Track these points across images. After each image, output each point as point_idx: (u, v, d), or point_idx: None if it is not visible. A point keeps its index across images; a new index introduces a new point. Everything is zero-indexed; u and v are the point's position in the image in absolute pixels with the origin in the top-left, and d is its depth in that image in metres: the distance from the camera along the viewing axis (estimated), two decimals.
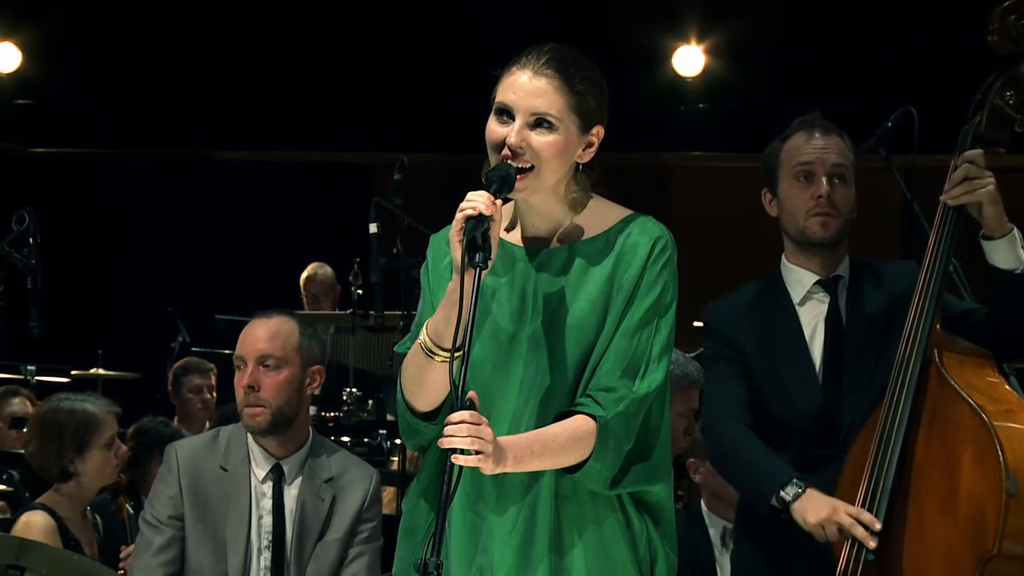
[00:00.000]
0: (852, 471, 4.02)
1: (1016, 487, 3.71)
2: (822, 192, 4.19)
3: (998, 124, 4.09)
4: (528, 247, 3.32)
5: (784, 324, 4.25)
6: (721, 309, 4.36)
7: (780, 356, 4.22)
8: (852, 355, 4.18)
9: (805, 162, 4.22)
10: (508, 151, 3.19)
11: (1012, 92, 4.09)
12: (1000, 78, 4.10)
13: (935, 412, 3.93)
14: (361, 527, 4.59)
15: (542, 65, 3.22)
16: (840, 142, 4.25)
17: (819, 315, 4.24)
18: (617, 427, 3.18)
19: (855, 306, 4.23)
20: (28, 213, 5.25)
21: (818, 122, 4.28)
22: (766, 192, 4.31)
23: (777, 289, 4.30)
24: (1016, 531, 3.72)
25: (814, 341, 4.22)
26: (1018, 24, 4.07)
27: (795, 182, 4.23)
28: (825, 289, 4.25)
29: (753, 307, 4.30)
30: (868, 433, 4.01)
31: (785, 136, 4.30)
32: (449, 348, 3.11)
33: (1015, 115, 4.09)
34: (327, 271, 9.32)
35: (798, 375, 4.19)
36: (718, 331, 4.32)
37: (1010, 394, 3.98)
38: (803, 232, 4.23)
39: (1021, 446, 3.78)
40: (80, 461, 5.00)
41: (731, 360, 4.26)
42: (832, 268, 4.26)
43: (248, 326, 4.63)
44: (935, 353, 3.97)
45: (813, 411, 4.16)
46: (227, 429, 4.69)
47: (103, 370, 9.21)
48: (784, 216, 4.28)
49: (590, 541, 3.24)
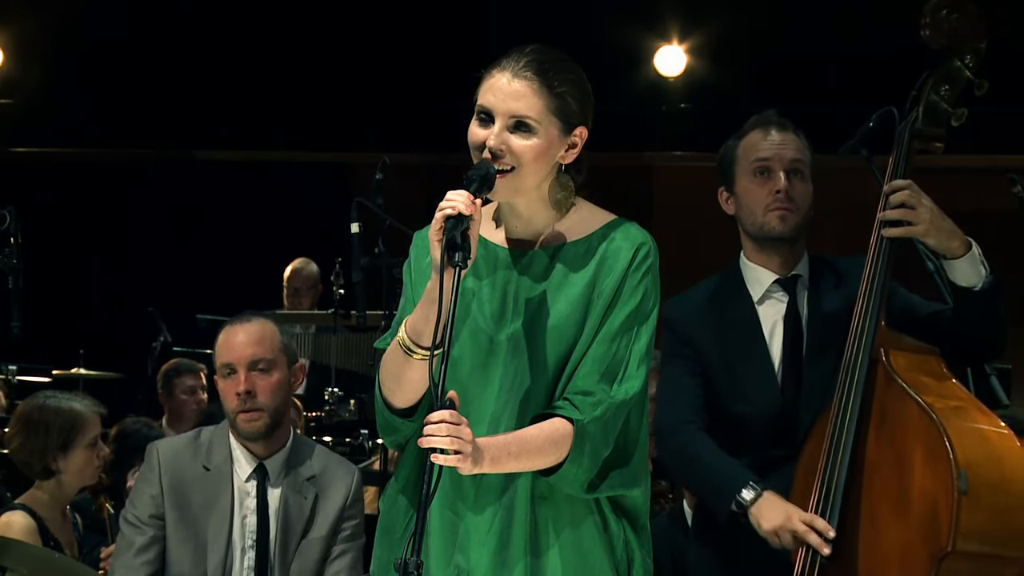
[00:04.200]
0: (804, 473, 4.02)
1: (967, 484, 3.70)
2: (780, 187, 4.20)
3: (935, 119, 4.11)
4: (511, 249, 3.33)
5: (743, 323, 4.25)
6: (681, 305, 4.35)
7: (739, 355, 4.22)
8: (810, 355, 4.18)
9: (763, 158, 4.24)
10: (488, 154, 3.20)
11: (947, 87, 4.11)
12: (935, 74, 4.13)
13: (884, 411, 3.92)
14: (344, 525, 4.60)
15: (521, 68, 3.22)
16: (796, 139, 4.26)
17: (778, 314, 4.24)
18: (594, 431, 3.19)
19: (814, 305, 4.23)
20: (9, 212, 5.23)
21: (774, 119, 4.29)
22: (722, 191, 4.32)
23: (737, 287, 4.30)
24: (969, 528, 3.71)
25: (773, 341, 4.23)
26: (950, 19, 4.09)
27: (753, 178, 4.24)
28: (784, 288, 4.26)
29: (712, 304, 4.30)
30: (819, 435, 4.01)
31: (741, 133, 4.31)
32: (427, 346, 3.12)
33: (951, 110, 4.11)
34: (312, 268, 9.30)
35: (757, 375, 4.19)
36: (676, 328, 4.31)
37: (959, 390, 3.98)
38: (761, 227, 4.24)
39: (971, 442, 3.78)
40: (63, 460, 4.99)
41: (687, 358, 4.26)
42: (791, 266, 4.26)
43: (227, 332, 4.60)
44: (881, 352, 3.97)
45: (771, 411, 4.16)
46: (209, 429, 4.69)
47: (84, 370, 9.20)
48: (742, 213, 4.28)
49: (567, 543, 3.25)
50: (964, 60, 4.09)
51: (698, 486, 4.26)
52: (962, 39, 4.10)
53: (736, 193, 4.28)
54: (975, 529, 3.73)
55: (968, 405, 3.92)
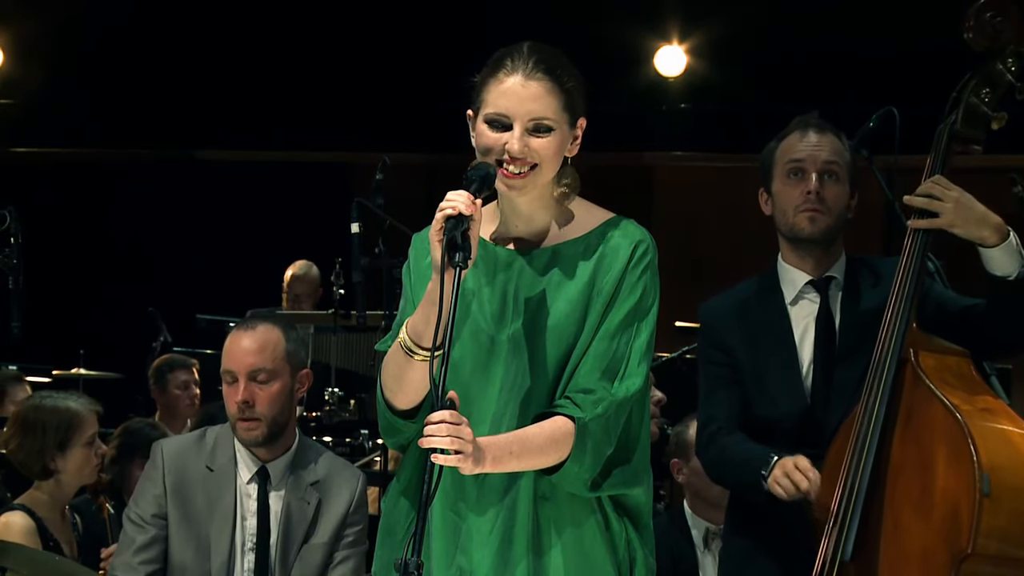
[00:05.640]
0: (830, 472, 4.01)
1: (990, 486, 3.69)
2: (811, 188, 4.20)
3: (974, 122, 4.10)
4: (510, 248, 3.33)
5: (775, 324, 4.25)
6: (714, 307, 4.37)
7: (768, 356, 4.22)
8: (842, 355, 4.18)
9: (797, 159, 4.24)
10: (509, 158, 3.20)
11: (988, 90, 4.10)
12: (976, 76, 4.11)
13: (910, 412, 3.92)
14: (347, 531, 4.57)
15: (531, 69, 3.22)
16: (835, 141, 4.26)
17: (810, 315, 4.24)
18: (595, 429, 3.19)
19: (849, 306, 4.23)
20: (9, 212, 5.22)
21: (813, 121, 4.30)
22: (762, 191, 4.33)
23: (771, 288, 4.30)
24: (990, 530, 3.71)
25: (804, 342, 4.23)
26: (994, 21, 4.08)
27: (787, 179, 4.25)
28: (816, 289, 4.26)
29: (746, 306, 4.31)
30: (845, 434, 4.01)
31: (782, 135, 4.32)
32: (428, 347, 3.12)
33: (991, 113, 4.10)
34: (313, 272, 9.27)
35: (784, 376, 4.20)
36: (708, 332, 4.34)
37: (987, 393, 3.96)
38: (792, 228, 4.24)
39: (995, 445, 3.77)
40: (61, 459, 4.99)
41: (719, 364, 4.28)
42: (825, 268, 4.27)
43: (232, 337, 4.58)
44: (911, 352, 3.96)
45: (798, 412, 4.17)
46: (214, 429, 4.67)
47: (84, 370, 9.20)
48: (776, 214, 4.29)
49: (569, 542, 3.25)
50: (1007, 63, 4.08)
51: (734, 481, 4.26)
52: (1005, 42, 4.09)
53: (772, 194, 4.29)
54: (996, 532, 3.72)
55: (995, 408, 3.90)
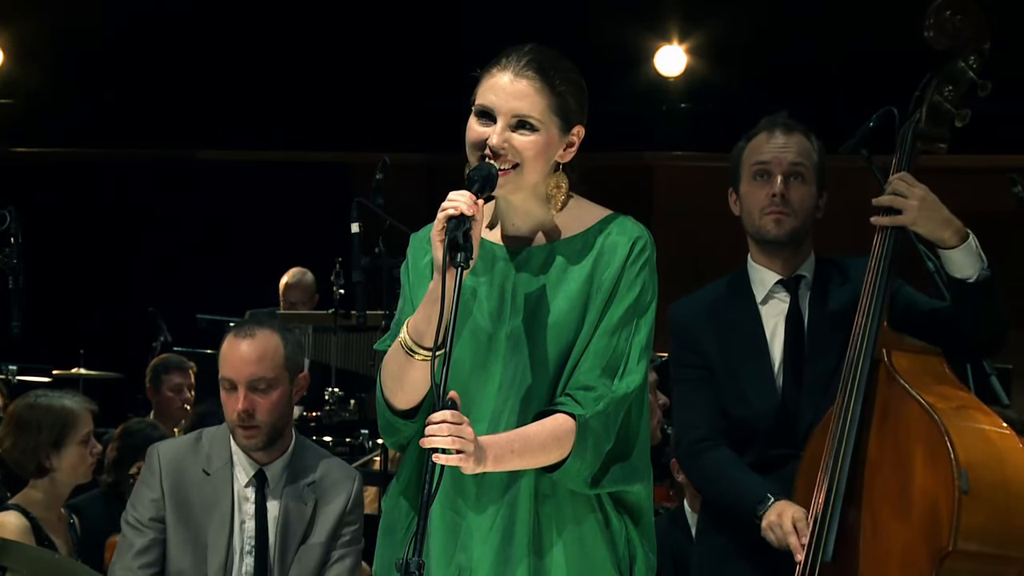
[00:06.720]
0: (807, 473, 4.02)
1: (969, 483, 3.69)
2: (776, 190, 4.19)
3: (938, 120, 4.10)
4: (508, 246, 3.33)
5: (746, 324, 4.25)
6: (685, 308, 4.36)
7: (741, 356, 4.22)
8: (812, 354, 4.18)
9: (762, 161, 4.23)
10: (490, 152, 3.20)
11: (951, 88, 4.10)
12: (938, 74, 4.12)
13: (886, 411, 3.91)
14: (343, 530, 4.57)
15: (523, 67, 3.22)
16: (803, 141, 4.25)
17: (780, 315, 4.24)
18: (596, 426, 3.19)
19: (817, 305, 4.22)
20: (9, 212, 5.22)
21: (781, 121, 4.28)
22: (731, 191, 4.33)
23: (742, 288, 4.30)
24: (970, 528, 3.70)
25: (774, 341, 4.22)
26: (953, 20, 4.08)
27: (753, 180, 4.24)
28: (786, 289, 4.25)
29: (717, 306, 4.31)
30: (821, 435, 4.00)
31: (750, 135, 4.31)
32: (429, 347, 3.12)
33: (954, 111, 4.10)
34: (308, 278, 9.27)
35: (757, 375, 4.19)
36: (680, 333, 4.33)
37: (960, 390, 3.97)
38: (758, 230, 4.24)
39: (972, 442, 3.77)
40: (56, 457, 4.98)
41: (694, 367, 4.27)
42: (794, 268, 4.26)
43: (231, 343, 4.54)
44: (884, 352, 3.96)
45: (771, 411, 4.16)
46: (210, 431, 4.66)
47: (84, 370, 9.20)
48: (744, 215, 4.29)
49: (570, 541, 3.25)
50: (968, 61, 4.08)
51: (725, 505, 4.25)
52: (966, 40, 4.09)
53: (740, 195, 4.28)
54: (976, 529, 3.72)
55: (969, 405, 3.91)
